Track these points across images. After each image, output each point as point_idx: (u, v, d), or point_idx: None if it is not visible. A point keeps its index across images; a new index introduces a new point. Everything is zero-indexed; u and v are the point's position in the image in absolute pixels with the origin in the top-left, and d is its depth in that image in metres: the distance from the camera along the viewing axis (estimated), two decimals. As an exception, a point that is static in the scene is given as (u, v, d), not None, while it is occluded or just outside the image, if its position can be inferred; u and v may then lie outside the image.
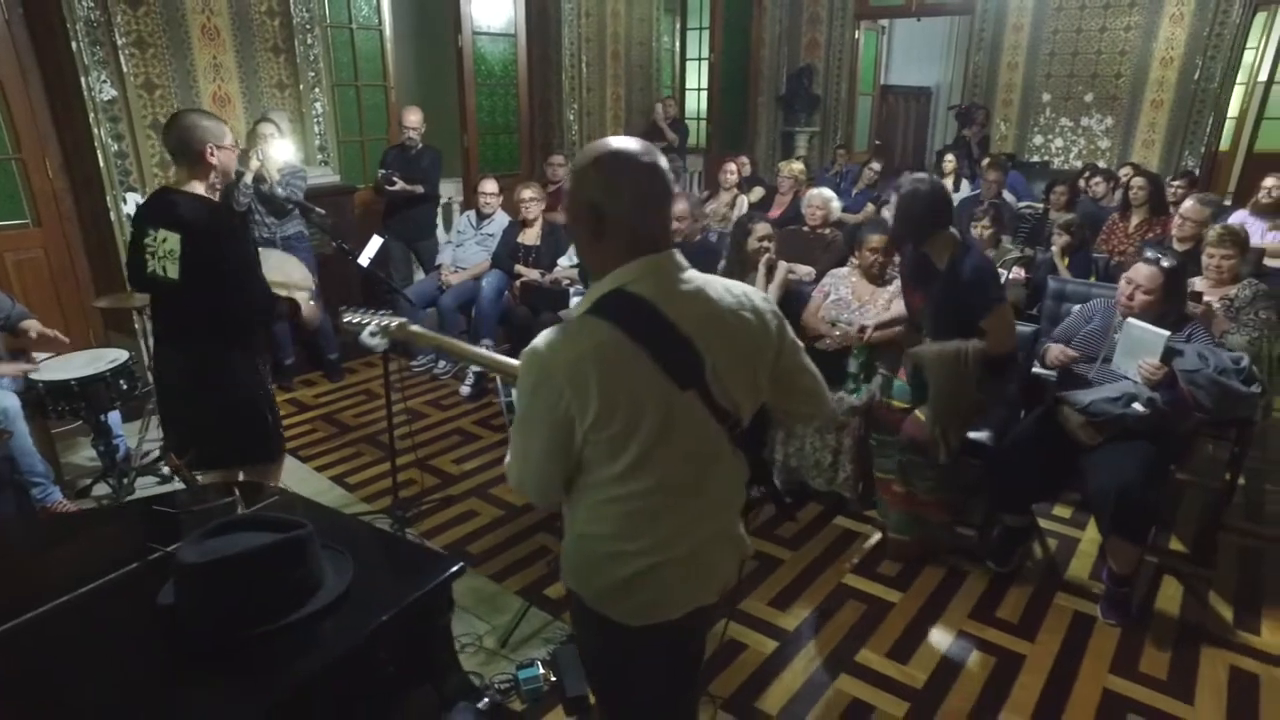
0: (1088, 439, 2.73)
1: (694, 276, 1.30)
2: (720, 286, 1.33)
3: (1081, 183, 6.32)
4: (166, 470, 3.49)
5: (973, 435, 3.00)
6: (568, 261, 4.78)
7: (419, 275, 5.47)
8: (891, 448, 2.95)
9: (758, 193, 6.10)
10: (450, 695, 1.45)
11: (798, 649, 2.57)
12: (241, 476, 2.48)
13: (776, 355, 1.39)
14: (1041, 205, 5.72)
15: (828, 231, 4.47)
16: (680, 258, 1.30)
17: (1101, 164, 7.19)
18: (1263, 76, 9.51)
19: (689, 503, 1.33)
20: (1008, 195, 6.20)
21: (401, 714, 1.39)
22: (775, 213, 5.46)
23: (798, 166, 5.70)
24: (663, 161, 1.27)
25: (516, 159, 6.92)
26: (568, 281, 4.67)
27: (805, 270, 4.18)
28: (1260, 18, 9.38)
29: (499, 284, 4.83)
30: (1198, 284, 3.61)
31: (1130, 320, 2.72)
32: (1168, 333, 2.62)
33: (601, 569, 1.35)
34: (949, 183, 6.97)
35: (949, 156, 7.22)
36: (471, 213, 5.19)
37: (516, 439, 1.30)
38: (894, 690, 2.39)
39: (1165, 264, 2.69)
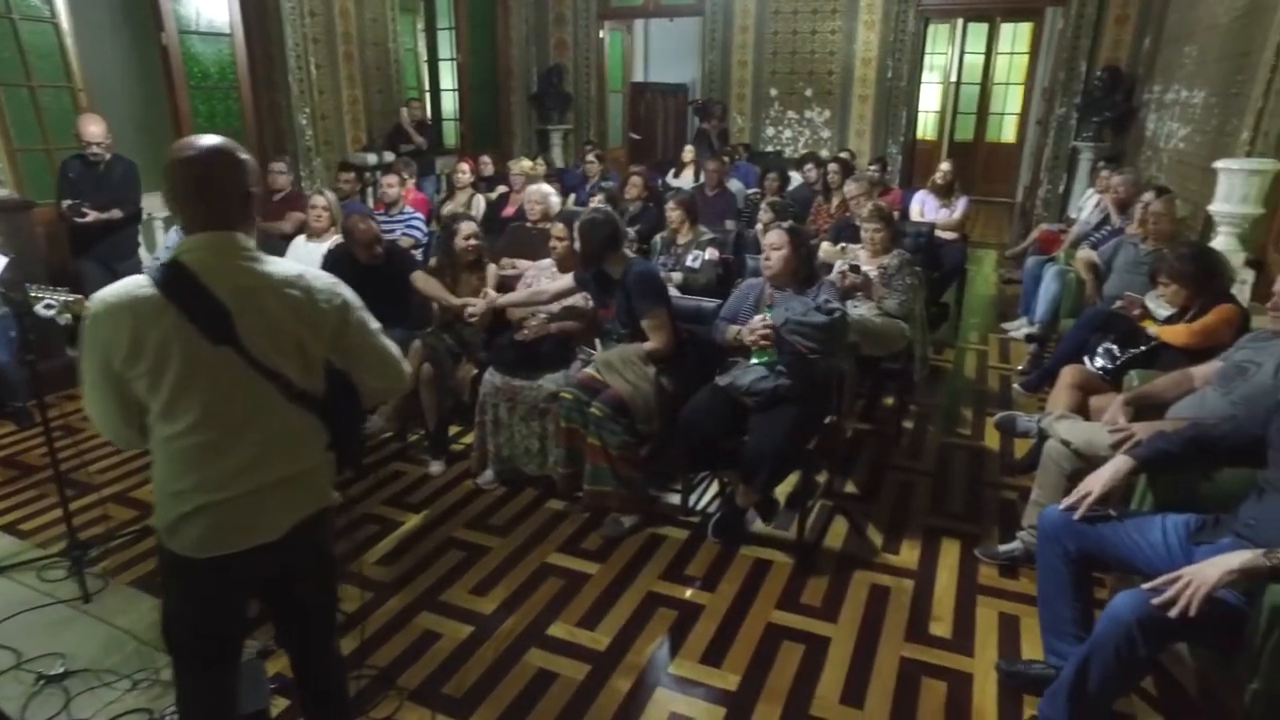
0: (751, 403, 3.03)
1: (255, 256, 1.52)
2: (281, 267, 1.56)
3: (801, 170, 6.94)
4: None
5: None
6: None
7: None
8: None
9: (498, 191, 6.14)
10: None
11: (492, 631, 2.62)
12: None
13: (335, 333, 1.60)
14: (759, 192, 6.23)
15: (549, 226, 4.58)
16: (241, 238, 1.51)
17: (824, 153, 7.91)
18: (955, 78, 10.97)
19: (236, 449, 1.51)
20: (736, 183, 6.67)
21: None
22: (510, 210, 5.53)
23: (527, 164, 5.80)
24: (235, 160, 1.50)
25: (244, 166, 6.49)
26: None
27: (525, 265, 4.26)
28: (947, 27, 10.80)
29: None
30: (861, 255, 4.10)
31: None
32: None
33: (167, 506, 1.53)
34: (689, 173, 7.41)
35: (687, 148, 7.66)
36: (177, 226, 4.80)
37: (84, 382, 1.49)
38: (578, 656, 2.50)
39: (786, 225, 3.21)
